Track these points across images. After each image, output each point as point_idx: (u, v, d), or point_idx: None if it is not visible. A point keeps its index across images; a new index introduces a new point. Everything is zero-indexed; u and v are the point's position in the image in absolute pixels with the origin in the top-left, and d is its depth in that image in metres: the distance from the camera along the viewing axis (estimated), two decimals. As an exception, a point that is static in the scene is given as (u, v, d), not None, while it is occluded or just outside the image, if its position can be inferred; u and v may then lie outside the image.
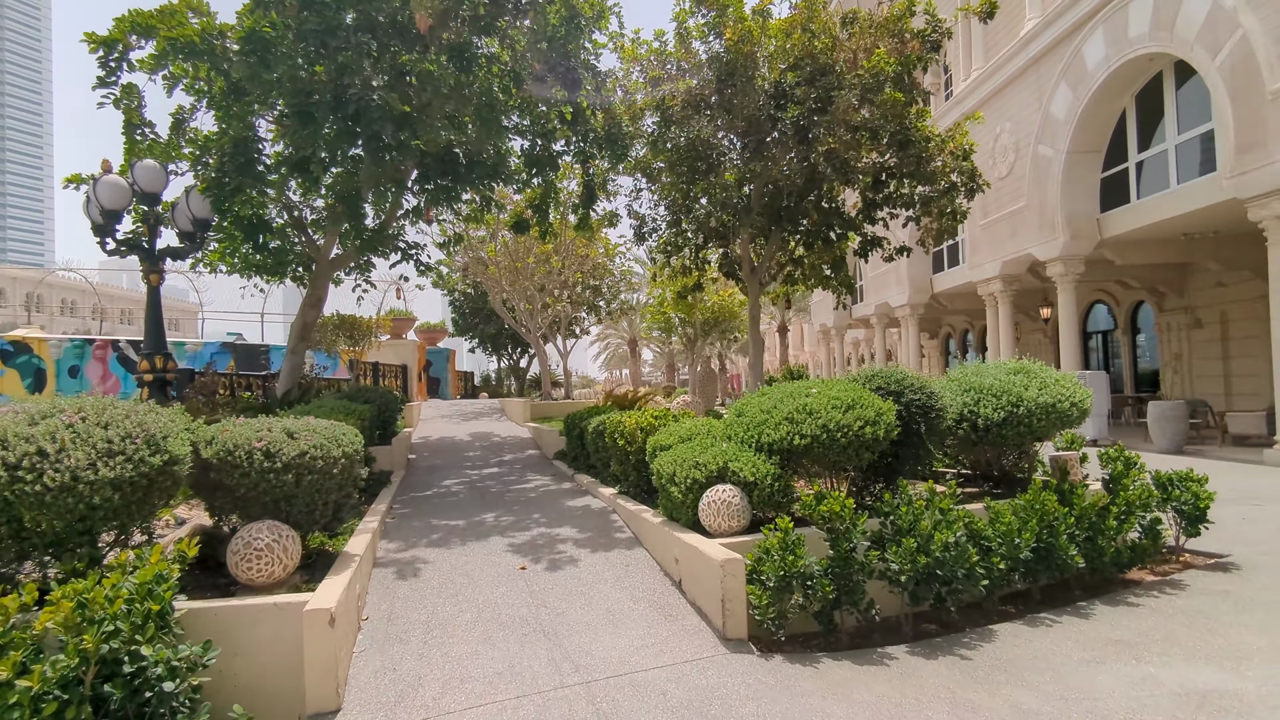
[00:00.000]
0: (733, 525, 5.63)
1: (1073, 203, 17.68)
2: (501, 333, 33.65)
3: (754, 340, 16.98)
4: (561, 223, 20.87)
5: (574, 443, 10.53)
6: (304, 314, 12.40)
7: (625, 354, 55.66)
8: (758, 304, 16.86)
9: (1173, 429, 14.58)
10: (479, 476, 10.67)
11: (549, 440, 12.69)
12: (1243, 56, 12.69)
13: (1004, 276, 20.50)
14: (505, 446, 13.67)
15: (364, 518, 7.19)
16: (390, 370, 21.22)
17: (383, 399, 11.66)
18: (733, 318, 28.71)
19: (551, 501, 8.56)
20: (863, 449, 5.79)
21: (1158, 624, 5.31)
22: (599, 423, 8.82)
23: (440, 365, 28.39)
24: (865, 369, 6.80)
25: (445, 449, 13.41)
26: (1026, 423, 6.64)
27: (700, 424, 6.80)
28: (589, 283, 23.20)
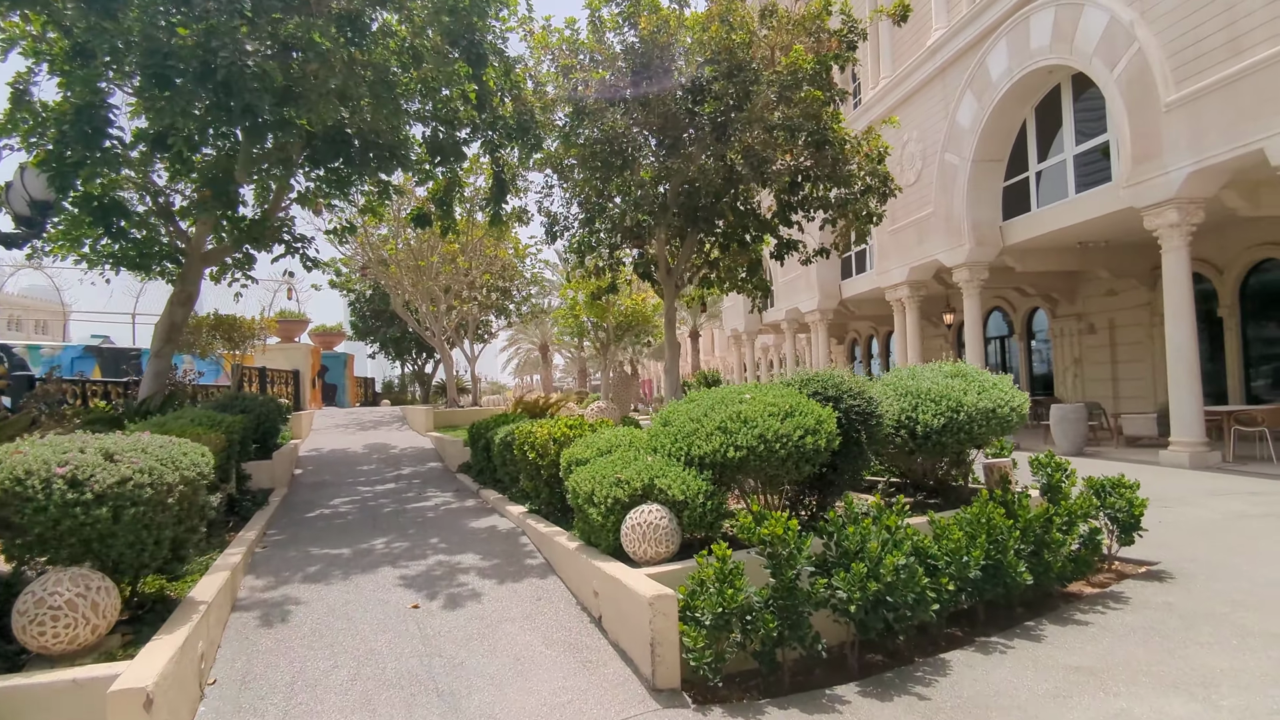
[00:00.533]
0: (660, 551, 4.90)
1: (978, 210, 17.96)
2: (405, 336, 31.94)
3: (670, 344, 16.39)
4: (468, 221, 19.78)
5: (479, 455, 9.58)
6: (171, 312, 10.94)
7: (536, 359, 54.45)
8: (674, 306, 16.29)
9: (1074, 431, 14.87)
10: (372, 494, 9.56)
11: (453, 451, 11.67)
12: (1139, 70, 13.02)
13: (911, 282, 20.72)
14: (404, 459, 12.52)
15: (227, 549, 6.07)
16: (280, 376, 19.49)
17: (262, 408, 10.36)
18: (646, 322, 28.18)
19: (453, 522, 7.61)
20: (803, 461, 5.18)
21: (1113, 646, 4.91)
22: (507, 433, 7.93)
23: (337, 371, 26.54)
24: (801, 372, 6.23)
25: (337, 463, 12.15)
26: (967, 429, 6.21)
27: (621, 434, 6.05)
28: (498, 284, 22.12)
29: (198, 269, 11.20)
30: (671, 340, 16.30)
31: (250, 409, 10.20)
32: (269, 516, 7.95)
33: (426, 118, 12.21)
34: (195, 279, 11.20)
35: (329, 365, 26.14)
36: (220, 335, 13.60)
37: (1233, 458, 12.66)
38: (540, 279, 24.94)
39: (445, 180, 13.87)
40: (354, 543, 6.84)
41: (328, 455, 12.81)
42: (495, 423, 9.28)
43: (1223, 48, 11.63)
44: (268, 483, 10.00)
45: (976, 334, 18.46)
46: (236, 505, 7.97)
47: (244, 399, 10.43)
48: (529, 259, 22.15)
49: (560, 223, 17.34)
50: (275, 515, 8.24)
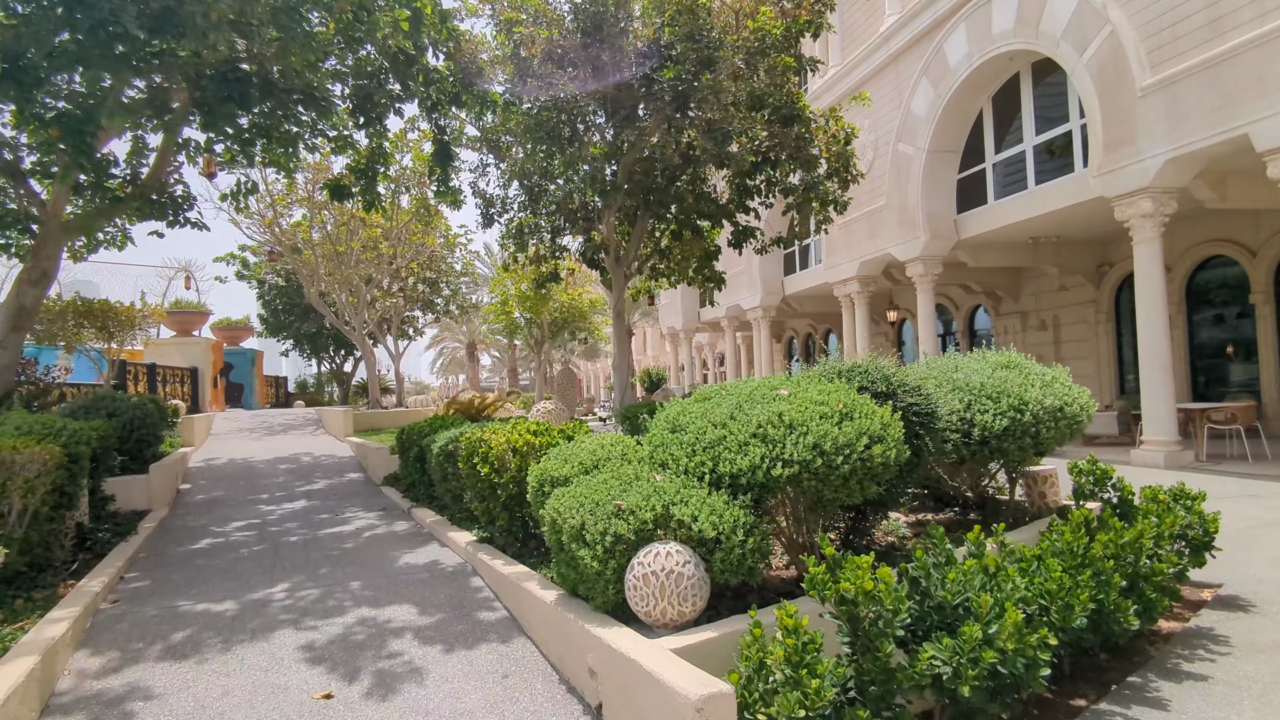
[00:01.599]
0: (685, 611, 3.42)
1: (932, 202, 17.17)
2: (323, 332, 29.32)
3: (619, 337, 14.90)
4: (394, 204, 17.79)
5: (411, 466, 7.85)
6: (20, 293, 8.76)
7: (463, 359, 52.00)
8: (623, 296, 14.82)
9: (1039, 429, 14.14)
10: (276, 516, 7.69)
11: (377, 460, 9.84)
12: (1111, 53, 12.30)
13: (861, 278, 19.88)
14: (319, 469, 10.60)
15: (54, 610, 4.25)
16: (174, 374, 17.00)
17: (135, 411, 8.32)
18: (582, 318, 26.64)
19: (380, 555, 5.89)
20: (868, 479, 3.79)
21: (1255, 711, 3.72)
22: (448, 441, 6.27)
23: (244, 369, 23.84)
24: (835, 361, 4.85)
25: (236, 475, 10.13)
26: (1033, 432, 4.96)
27: (608, 443, 4.53)
28: (425, 275, 20.16)
29: (56, 241, 9.04)
30: (621, 334, 14.82)
31: (119, 412, 8.16)
32: (133, 551, 6.04)
33: (346, 75, 10.37)
34: (52, 254, 9.04)
35: (234, 363, 23.43)
36: (90, 324, 11.32)
37: (1205, 456, 12.09)
38: (472, 270, 23.03)
39: (369, 149, 12.01)
40: (245, 590, 5.06)
41: (225, 466, 10.74)
42: (430, 427, 7.58)
43: (1204, 28, 10.94)
44: (142, 502, 8.00)
45: (930, 331, 17.69)
46: (90, 538, 6.04)
47: (111, 400, 8.36)
48: (459, 249, 20.25)
49: (497, 205, 15.65)
50: (143, 549, 6.32)
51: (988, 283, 20.26)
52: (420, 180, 17.58)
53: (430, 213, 17.81)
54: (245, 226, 16.81)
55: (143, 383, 15.15)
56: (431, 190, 17.69)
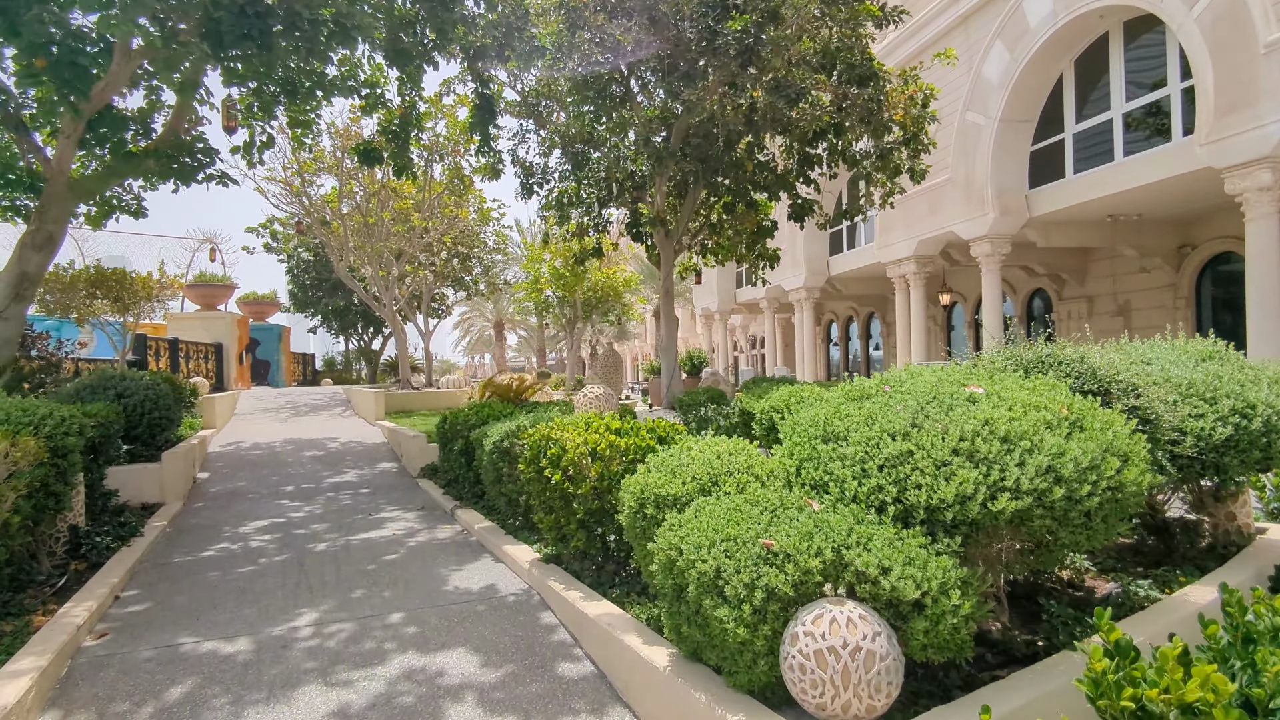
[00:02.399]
0: (876, 704, 2.37)
1: (1003, 176, 15.81)
2: (351, 308, 28.55)
3: (667, 317, 13.82)
4: (426, 173, 16.78)
5: (454, 459, 6.86)
6: (22, 259, 7.85)
7: (490, 337, 51.23)
8: (672, 273, 13.72)
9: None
10: (302, 515, 6.75)
11: (413, 448, 8.88)
12: (1227, 6, 10.89)
13: (918, 257, 18.57)
14: (349, 457, 9.67)
15: (23, 647, 3.31)
16: (197, 350, 16.21)
17: (147, 392, 7.40)
18: (617, 297, 25.59)
19: (424, 573, 4.90)
20: (1116, 516, 2.71)
21: None
22: (505, 437, 5.24)
23: (270, 345, 23.08)
24: (1013, 349, 3.74)
25: (259, 462, 9.24)
26: (1262, 444, 3.82)
27: (724, 451, 3.46)
28: (457, 250, 19.18)
29: (63, 202, 8.11)
30: (669, 313, 13.73)
31: (128, 393, 7.25)
32: (135, 560, 5.11)
33: (379, 21, 9.29)
34: (59, 216, 8.11)
35: (260, 339, 22.65)
36: (104, 295, 10.45)
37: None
38: (505, 245, 22.02)
39: (402, 108, 10.98)
40: (263, 620, 4.09)
41: (249, 452, 9.86)
42: (477, 416, 6.56)
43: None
44: (153, 494, 7.10)
45: (995, 317, 16.41)
46: (86, 542, 5.11)
47: (121, 380, 7.45)
48: (492, 224, 19.21)
49: (537, 174, 14.57)
50: (147, 555, 5.39)
51: (1053, 264, 18.85)
52: (454, 149, 16.55)
53: (464, 184, 16.77)
54: (272, 196, 15.93)
55: (164, 359, 14.35)
56: (469, 159, 16.67)
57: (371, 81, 10.83)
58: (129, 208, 9.96)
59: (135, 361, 13.21)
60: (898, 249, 19.00)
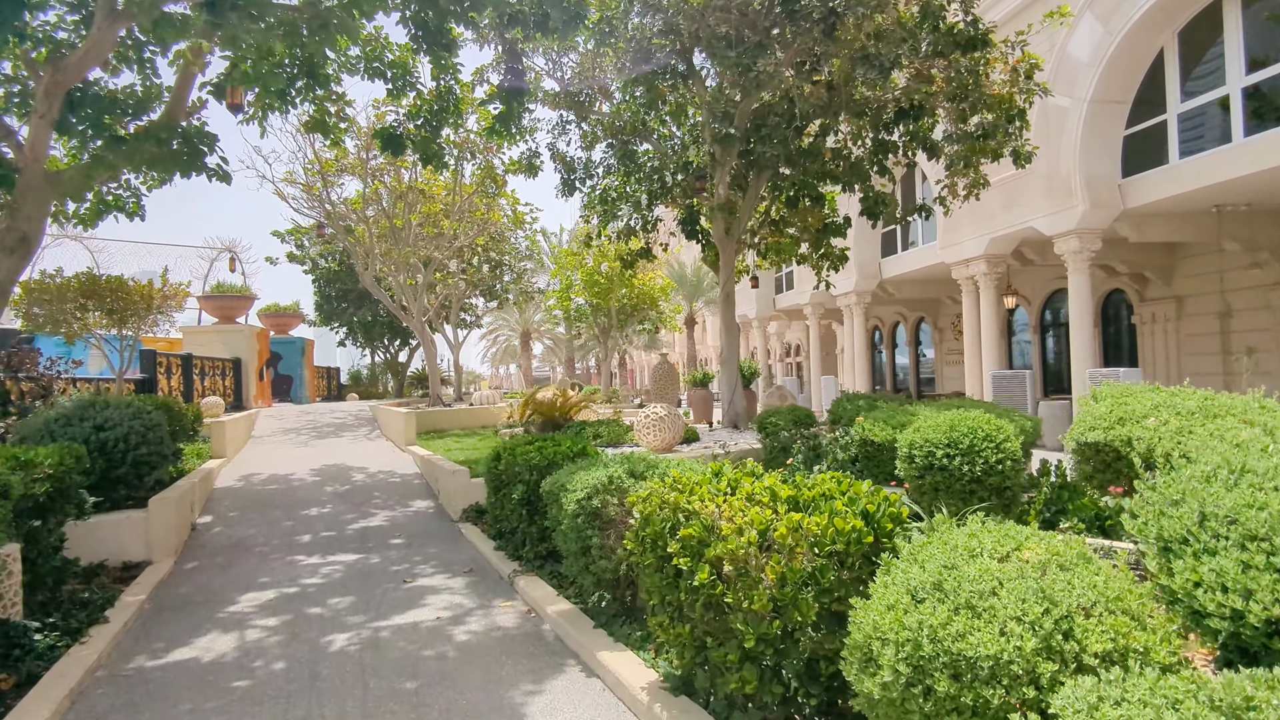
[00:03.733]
0: None
1: (1093, 164, 14.05)
2: (377, 319, 27.24)
3: (728, 324, 12.23)
4: (456, 173, 15.39)
5: (511, 509, 5.31)
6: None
7: (516, 348, 49.96)
8: (732, 275, 12.13)
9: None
10: (319, 581, 5.24)
11: (452, 485, 7.33)
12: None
13: (990, 257, 16.82)
14: (378, 493, 8.17)
15: None
16: (214, 366, 14.89)
17: (132, 424, 5.95)
18: (653, 304, 24.07)
19: (488, 705, 3.34)
20: None
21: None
22: (594, 493, 3.67)
23: (293, 359, 21.76)
24: None
25: (273, 500, 7.76)
26: None
27: (1053, 560, 1.89)
28: (489, 256, 17.78)
29: (40, 197, 6.71)
30: (730, 320, 12.15)
31: (109, 425, 5.81)
32: (85, 670, 3.61)
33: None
34: (34, 213, 6.71)
35: (281, 352, 21.32)
36: (97, 305, 9.07)
37: None
38: (537, 250, 20.57)
39: (434, 93, 9.58)
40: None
41: (262, 486, 8.39)
42: (539, 454, 5.00)
43: None
44: (137, 551, 5.64)
45: (1085, 321, 14.68)
46: (19, 645, 3.63)
47: (103, 408, 6.02)
48: (524, 227, 17.76)
49: (579, 169, 13.10)
50: (105, 660, 3.88)
51: (1137, 262, 17.04)
52: (486, 147, 15.14)
53: (497, 184, 15.36)
54: (293, 200, 14.62)
55: (177, 375, 13.04)
56: (501, 158, 15.27)
57: (399, 63, 9.43)
58: (124, 206, 8.59)
59: (143, 380, 11.88)
60: (966, 248, 17.27)
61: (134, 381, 11.48)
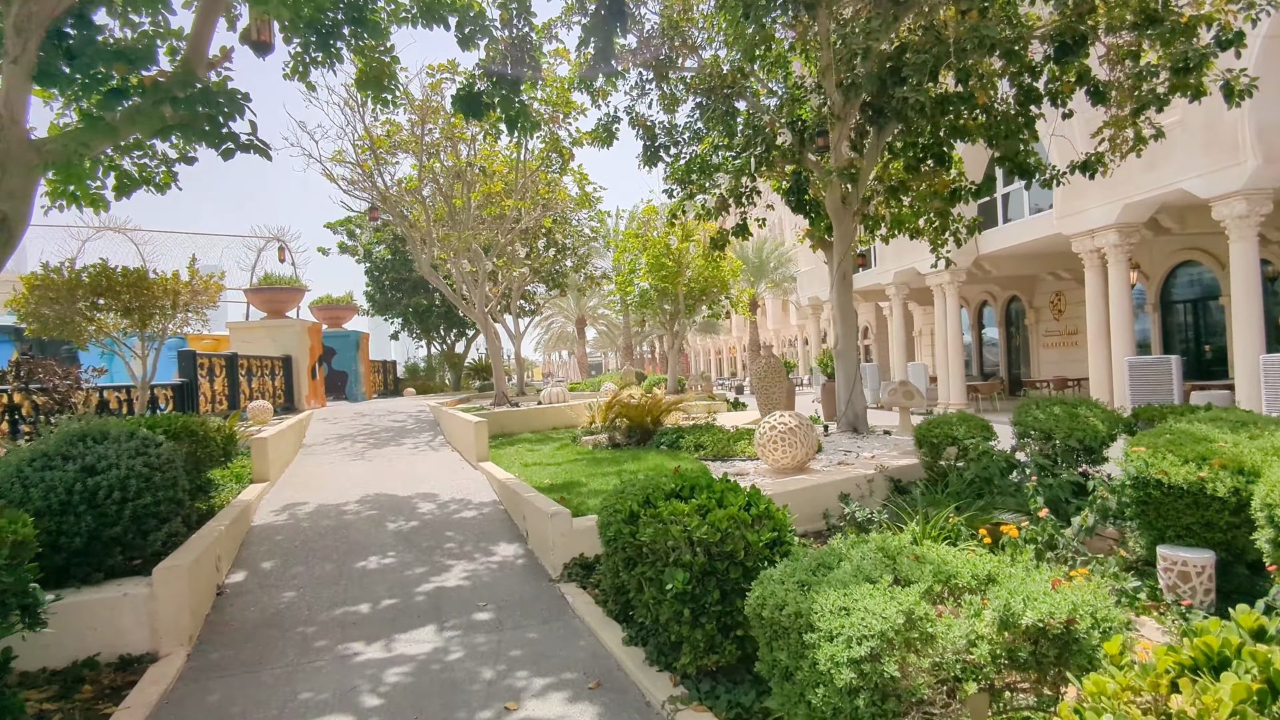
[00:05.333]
0: None
1: (1266, 111, 11.64)
2: (433, 308, 25.87)
3: (843, 309, 10.24)
4: (520, 146, 13.70)
5: (664, 602, 3.52)
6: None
7: (570, 334, 48.49)
8: (850, 252, 10.16)
9: None
10: (378, 701, 3.58)
11: (549, 528, 5.50)
12: None
13: (1123, 226, 14.45)
14: (450, 531, 6.51)
15: None
16: (261, 366, 13.56)
17: (132, 464, 4.37)
18: (724, 288, 22.16)
19: None
20: None
21: None
22: (888, 641, 1.89)
23: (347, 354, 20.44)
24: None
25: (321, 544, 6.14)
26: None
27: None
28: (554, 239, 16.07)
29: (23, 167, 5.17)
30: (846, 305, 10.18)
31: (103, 466, 4.25)
32: None
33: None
34: (19, 187, 5.18)
35: (335, 347, 20.01)
36: (110, 301, 7.59)
37: None
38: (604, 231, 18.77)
39: (509, 40, 7.89)
40: None
41: (310, 522, 6.82)
42: (713, 527, 3.21)
43: None
44: (139, 639, 4.06)
45: (1252, 297, 12.28)
46: None
47: (98, 442, 4.46)
48: (592, 208, 15.95)
49: (662, 135, 11.28)
50: None
51: (1300, 229, 14.49)
52: (553, 117, 13.39)
53: (564, 157, 13.61)
54: (342, 180, 13.10)
55: (221, 378, 11.72)
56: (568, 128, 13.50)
57: (463, 5, 7.69)
58: (153, 178, 7.07)
59: (182, 385, 10.51)
60: (1091, 216, 14.90)
61: (172, 387, 10.11)
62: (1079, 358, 22.02)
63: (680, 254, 21.35)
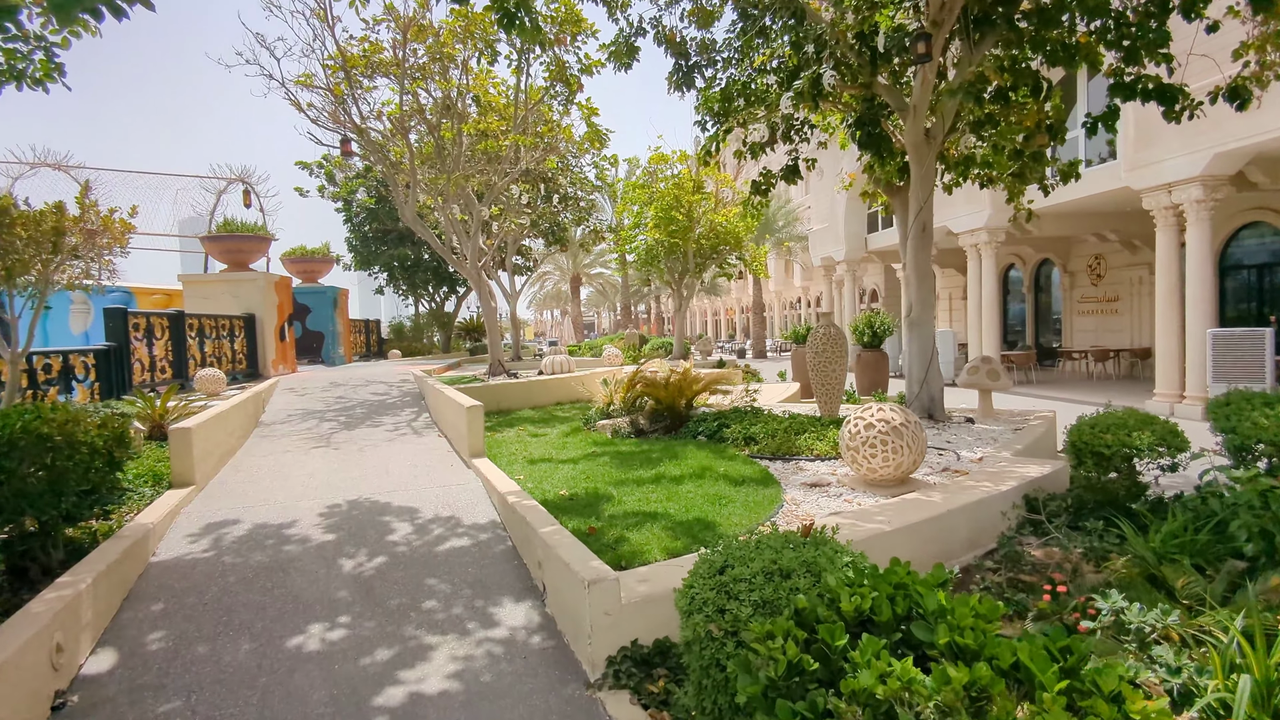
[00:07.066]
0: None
1: None
2: (420, 263, 23.65)
3: (919, 272, 8.29)
4: (519, 70, 11.49)
5: None
6: None
7: (564, 293, 46.30)
8: (931, 194, 8.19)
9: None
10: None
11: (575, 593, 3.68)
12: None
13: (1207, 179, 12.47)
14: (433, 568, 4.60)
15: None
16: (217, 326, 11.45)
17: None
18: (737, 244, 20.14)
19: None
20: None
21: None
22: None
23: (324, 312, 18.22)
24: None
25: (242, 600, 4.20)
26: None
27: None
28: (558, 185, 13.91)
29: None
30: (924, 265, 8.22)
31: None
32: None
33: None
34: None
35: (310, 305, 17.78)
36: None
37: None
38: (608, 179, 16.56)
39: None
40: None
41: (234, 557, 4.86)
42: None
43: None
44: None
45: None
46: None
47: None
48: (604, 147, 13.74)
49: (694, 56, 9.16)
50: None
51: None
52: (559, 37, 11.17)
53: (570, 87, 11.41)
54: (310, 108, 10.85)
55: (164, 339, 9.69)
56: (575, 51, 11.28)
57: None
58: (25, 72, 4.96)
59: (108, 351, 8.47)
60: (1168, 168, 12.90)
61: (94, 353, 8.09)
62: (1117, 327, 20.22)
63: (691, 207, 19.21)
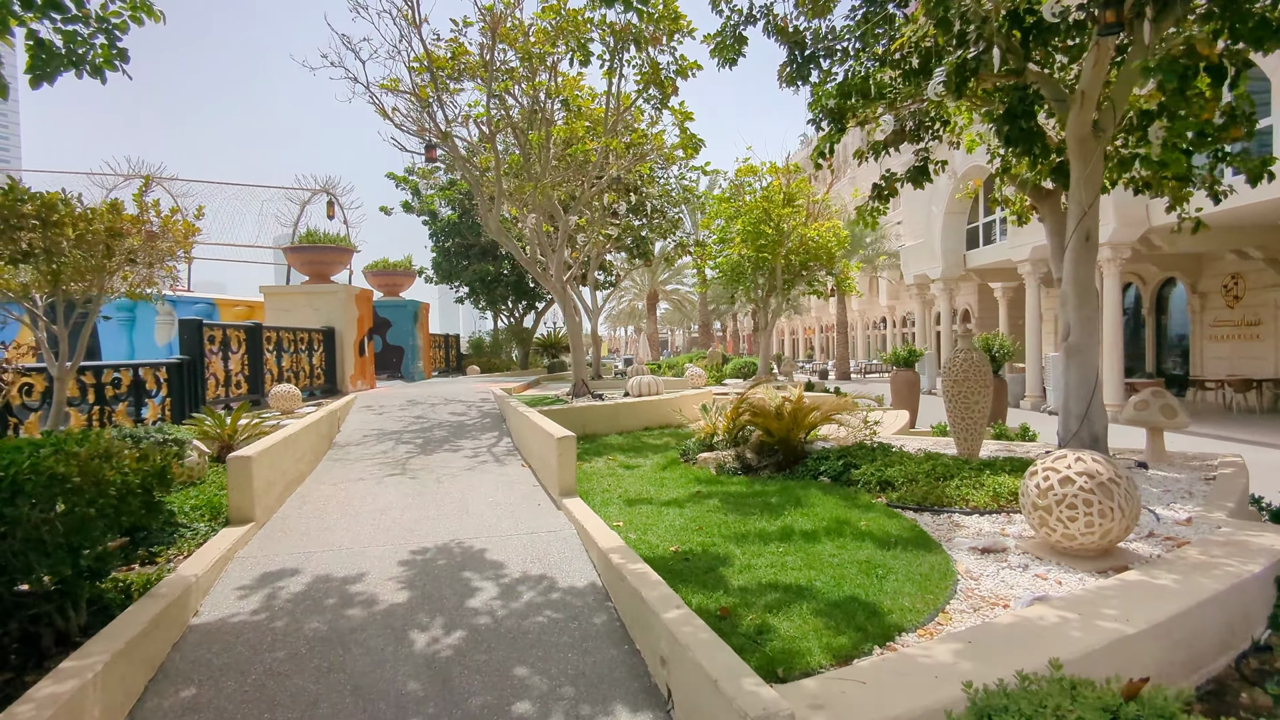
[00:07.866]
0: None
1: None
2: (501, 276, 23.27)
3: (1081, 287, 6.98)
4: (611, 72, 10.74)
5: None
6: None
7: (640, 310, 45.62)
8: (1096, 200, 6.90)
9: None
10: None
11: (705, 682, 2.73)
12: None
13: None
14: (518, 667, 3.66)
15: None
16: (295, 339, 11.07)
17: None
18: (829, 261, 18.88)
19: None
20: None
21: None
22: None
23: (404, 326, 17.89)
24: None
25: (285, 691, 3.38)
26: None
27: None
28: (648, 197, 13.10)
29: None
30: (1088, 281, 6.91)
31: None
32: None
33: None
34: None
35: (390, 318, 17.48)
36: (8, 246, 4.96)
37: None
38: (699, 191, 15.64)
39: None
40: None
41: (286, 618, 4.05)
42: None
43: None
44: None
45: None
46: None
47: None
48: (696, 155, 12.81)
49: (808, 45, 8.15)
50: None
51: None
52: (654, 37, 10.36)
53: (662, 90, 10.56)
54: (395, 112, 10.38)
55: (240, 354, 9.29)
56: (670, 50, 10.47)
57: None
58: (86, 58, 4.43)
59: (180, 365, 8.04)
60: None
61: (167, 367, 7.66)
62: (1259, 354, 17.90)
63: (780, 220, 18.07)
